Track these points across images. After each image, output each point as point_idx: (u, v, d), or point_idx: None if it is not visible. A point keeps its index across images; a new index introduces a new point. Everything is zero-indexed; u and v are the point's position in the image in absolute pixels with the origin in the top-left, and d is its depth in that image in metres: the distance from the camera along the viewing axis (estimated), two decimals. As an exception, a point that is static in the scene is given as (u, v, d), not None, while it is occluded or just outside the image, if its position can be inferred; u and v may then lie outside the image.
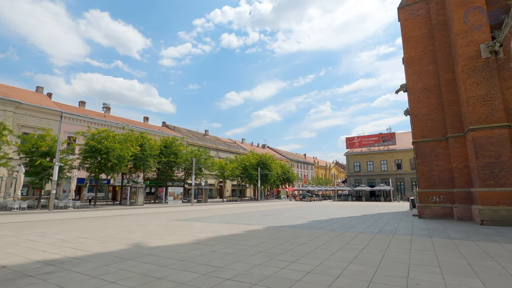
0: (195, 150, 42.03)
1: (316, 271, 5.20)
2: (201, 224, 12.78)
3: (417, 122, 15.95)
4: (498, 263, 5.73)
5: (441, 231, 10.19)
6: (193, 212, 20.55)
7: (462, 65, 13.35)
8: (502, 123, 12.24)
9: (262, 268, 5.41)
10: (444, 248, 7.20)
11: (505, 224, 11.44)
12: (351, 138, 55.47)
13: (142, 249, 7.20)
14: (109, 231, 10.37)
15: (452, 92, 14.88)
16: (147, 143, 33.38)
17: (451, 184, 14.62)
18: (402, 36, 17.12)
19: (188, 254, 6.56)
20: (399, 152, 49.03)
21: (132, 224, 12.81)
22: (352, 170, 53.48)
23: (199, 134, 62.81)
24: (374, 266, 5.54)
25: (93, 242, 8.10)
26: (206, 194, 40.49)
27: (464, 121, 13.80)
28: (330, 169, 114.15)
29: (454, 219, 14.07)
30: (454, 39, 13.94)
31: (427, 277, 4.80)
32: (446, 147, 14.92)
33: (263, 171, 49.46)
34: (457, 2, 13.82)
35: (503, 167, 11.97)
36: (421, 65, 16.24)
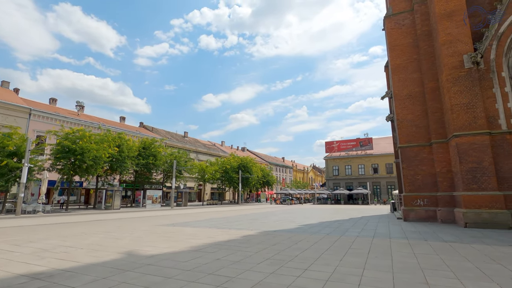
0: (175, 152, 40.84)
1: (334, 279, 5.01)
2: (191, 229, 12.23)
3: (403, 128, 16.45)
4: (503, 265, 5.86)
5: (432, 234, 10.44)
6: (176, 217, 19.78)
7: (447, 74, 13.95)
8: (483, 130, 12.88)
9: (277, 277, 5.12)
10: (445, 252, 7.31)
11: (487, 226, 11.99)
12: (330, 142, 56.67)
13: (138, 258, 6.64)
14: (93, 238, 9.58)
15: (435, 99, 15.51)
16: (125, 144, 31.89)
17: (434, 188, 15.18)
18: (388, 44, 17.67)
19: (191, 263, 6.13)
20: (376, 157, 50.75)
21: (116, 230, 11.99)
22: (331, 174, 54.55)
23: (178, 136, 61.28)
24: (388, 272, 5.45)
25: (79, 251, 7.39)
26: (186, 197, 39.40)
27: (448, 127, 14.41)
28: (307, 172, 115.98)
29: (438, 221, 14.59)
30: (439, 49, 14.56)
31: (447, 283, 4.77)
32: (430, 152, 15.49)
33: (244, 174, 49.07)
34: (442, 15, 14.46)
35: (485, 172, 12.59)
36: (406, 73, 16.82)
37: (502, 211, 12.00)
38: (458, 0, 14.27)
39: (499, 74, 13.36)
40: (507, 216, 11.89)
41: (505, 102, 13.10)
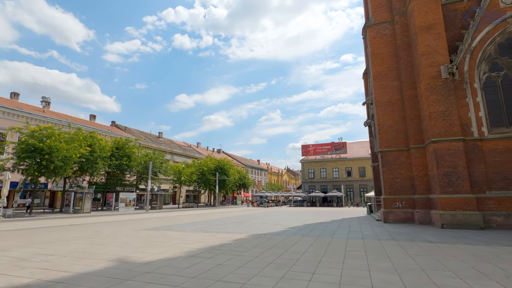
0: (150, 153, 39.38)
1: (346, 282, 5.00)
2: (177, 233, 11.75)
3: (383, 133, 17.13)
4: (494, 264, 6.22)
5: (416, 235, 10.90)
6: (155, 220, 18.99)
7: (426, 83, 14.76)
8: (458, 137, 13.77)
9: (289, 281, 5.02)
10: (435, 252, 7.63)
11: (462, 227, 12.79)
12: (307, 146, 57.83)
13: (133, 265, 6.21)
14: (73, 245, 8.86)
15: (414, 107, 16.34)
16: (97, 143, 30.19)
17: (412, 190, 15.94)
18: (370, 52, 18.37)
19: (193, 270, 5.84)
20: (350, 160, 52.55)
21: (95, 235, 11.21)
22: (307, 176, 55.59)
23: (153, 136, 59.25)
24: (393, 273, 5.55)
25: (63, 260, 6.77)
26: (161, 200, 38.08)
27: (426, 133, 15.22)
28: (282, 175, 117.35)
29: (415, 223, 15.32)
30: (418, 59, 15.38)
31: (452, 283, 4.94)
32: (408, 157, 16.27)
33: (222, 177, 48.51)
34: (422, 27, 15.31)
35: (459, 176, 13.43)
36: (386, 80, 17.57)
37: (474, 212, 12.86)
38: (436, 14, 15.20)
39: (472, 85, 14.38)
40: (479, 217, 12.76)
41: (477, 111, 14.11)
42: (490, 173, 13.41)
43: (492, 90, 14.36)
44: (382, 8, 18.56)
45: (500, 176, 13.29)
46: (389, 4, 18.43)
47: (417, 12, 15.50)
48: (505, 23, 14.37)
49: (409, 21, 16.83)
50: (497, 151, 13.53)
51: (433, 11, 15.26)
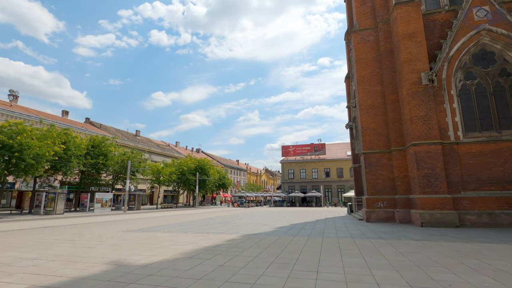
0: (128, 152, 38.06)
1: (351, 279, 5.15)
2: (166, 235, 11.46)
3: (366, 136, 17.76)
4: (479, 260, 6.66)
5: (401, 234, 11.41)
6: (137, 222, 18.39)
7: (407, 88, 15.50)
8: (436, 140, 14.58)
9: (297, 281, 5.08)
10: (424, 249, 8.03)
11: (440, 225, 13.56)
12: (287, 146, 58.54)
13: (131, 268, 5.99)
14: (57, 248, 8.38)
15: (395, 111, 17.09)
16: (72, 141, 28.70)
17: (393, 191, 16.65)
18: (355, 57, 18.97)
19: (197, 271, 5.74)
20: (328, 162, 53.87)
21: (78, 238, 10.67)
22: (287, 177, 56.28)
23: (130, 135, 57.27)
24: (393, 270, 5.79)
25: (53, 264, 6.39)
26: (140, 200, 36.93)
27: (407, 136, 15.97)
28: (261, 175, 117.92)
29: (396, 222, 16.03)
30: (401, 65, 16.10)
31: (449, 277, 5.24)
32: (390, 159, 16.98)
33: (202, 177, 47.88)
34: (404, 35, 16.05)
35: (437, 177, 14.23)
36: (370, 84, 18.23)
37: (451, 211, 13.69)
38: (417, 23, 16.00)
39: (449, 92, 15.30)
40: (455, 216, 13.60)
41: (453, 117, 15.03)
42: (465, 175, 14.34)
43: (467, 97, 15.36)
44: (367, 15, 19.25)
45: (474, 177, 14.25)
46: (373, 11, 19.15)
47: (400, 20, 16.24)
48: (478, 35, 15.43)
49: (392, 28, 17.58)
50: (471, 154, 14.49)
51: (414, 21, 16.05)
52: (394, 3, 16.69)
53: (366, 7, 19.39)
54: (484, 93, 15.25)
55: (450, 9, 16.75)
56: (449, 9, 16.82)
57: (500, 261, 6.54)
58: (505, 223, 13.35)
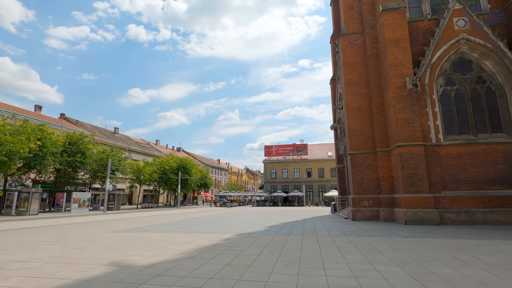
0: (107, 150, 36.70)
1: (360, 275, 5.32)
2: (158, 235, 11.21)
3: (353, 137, 18.29)
4: (468, 255, 7.10)
5: (389, 231, 11.87)
6: (122, 222, 17.82)
7: (393, 92, 16.14)
8: (419, 142, 15.31)
9: (308, 278, 5.18)
10: (416, 246, 8.43)
11: (422, 223, 14.25)
12: (270, 146, 58.96)
13: (136, 269, 5.83)
14: (45, 250, 7.97)
15: (381, 113, 17.74)
16: (48, 137, 27.28)
17: (378, 190, 17.28)
18: (343, 60, 19.48)
19: (204, 271, 5.69)
20: (310, 162, 54.85)
21: (65, 239, 10.18)
22: (269, 177, 56.67)
23: (108, 132, 55.22)
24: (394, 265, 6.05)
25: (49, 266, 6.08)
26: (119, 200, 35.73)
27: (391, 138, 16.62)
28: (242, 175, 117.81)
29: (381, 220, 16.65)
30: (387, 70, 16.74)
31: (448, 271, 5.56)
32: (375, 159, 17.61)
33: (184, 176, 47.11)
34: (391, 41, 16.70)
35: (420, 178, 14.95)
36: (357, 87, 18.80)
37: (432, 210, 14.43)
38: (403, 30, 16.70)
39: (431, 96, 16.12)
40: (436, 215, 14.35)
41: (435, 120, 15.85)
42: (445, 175, 15.17)
43: (447, 102, 16.26)
44: (354, 20, 19.82)
45: (453, 177, 15.11)
46: (360, 16, 19.76)
47: (387, 27, 16.87)
48: (458, 43, 16.37)
49: (379, 34, 18.22)
50: (451, 156, 15.36)
51: (400, 27, 16.75)
52: (381, 9, 17.31)
53: (354, 12, 19.97)
54: (462, 98, 16.21)
55: (433, 18, 17.65)
56: (431, 18, 17.71)
57: (486, 255, 7.00)
58: (480, 220, 14.28)
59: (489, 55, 15.95)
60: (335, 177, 53.15)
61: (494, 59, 15.89)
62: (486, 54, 16.02)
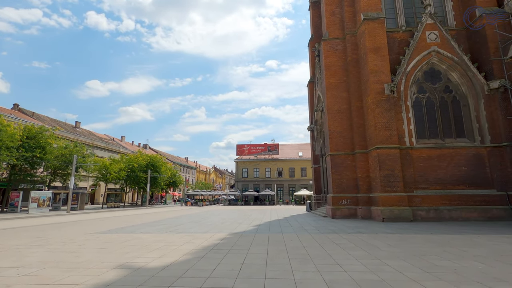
0: (70, 145, 34.09)
1: (374, 269, 5.64)
2: (147, 236, 10.75)
3: (333, 138, 19.06)
4: (455, 248, 7.84)
5: (372, 229, 12.60)
6: (94, 223, 16.73)
7: (372, 97, 17.11)
8: (395, 145, 16.42)
9: (330, 273, 5.37)
10: (405, 241, 9.08)
11: (398, 220, 15.33)
12: (242, 145, 59.01)
13: (151, 271, 5.58)
14: (33, 254, 7.28)
15: (359, 117, 18.70)
16: (4, 130, 24.65)
17: (355, 190, 18.21)
18: (324, 64, 20.18)
19: (225, 271, 5.63)
20: (281, 161, 55.90)
21: (44, 242, 9.35)
22: (240, 176, 56.72)
23: (68, 126, 51.23)
24: (401, 260, 6.48)
25: (51, 272, 5.58)
26: (83, 200, 33.45)
27: (370, 140, 17.61)
28: (210, 174, 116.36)
29: (358, 218, 17.57)
30: (367, 76, 17.69)
31: (446, 263, 6.11)
32: (353, 160, 18.52)
33: (153, 174, 45.33)
34: (371, 48, 17.66)
35: (396, 178, 16.05)
36: (337, 91, 19.60)
37: (406, 208, 15.58)
38: (382, 39, 17.75)
39: (406, 103, 17.37)
40: (410, 212, 15.53)
41: (409, 125, 17.11)
42: (417, 176, 16.45)
43: (419, 108, 17.63)
44: (336, 26, 20.63)
45: (423, 178, 16.44)
46: (342, 23, 20.61)
47: (368, 35, 17.82)
48: (429, 55, 17.83)
49: (359, 41, 19.17)
50: (422, 158, 16.69)
51: (380, 36, 17.79)
52: (362, 18, 18.23)
53: (335, 18, 20.78)
54: (432, 105, 17.70)
55: (407, 29, 19.00)
56: (405, 29, 19.06)
57: (470, 248, 7.79)
58: (447, 217, 15.73)
59: (455, 68, 17.60)
60: (305, 176, 54.84)
61: (459, 71, 17.57)
62: (453, 66, 17.65)
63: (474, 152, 16.59)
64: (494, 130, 16.43)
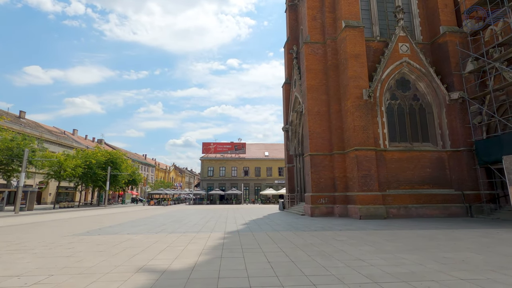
0: (17, 138, 30.26)
1: (395, 263, 5.99)
2: (138, 237, 10.04)
3: (313, 139, 19.69)
4: (446, 242, 8.65)
5: (357, 225, 13.29)
6: (57, 224, 15.13)
7: (352, 101, 18.06)
8: (371, 147, 17.54)
9: (362, 268, 5.57)
10: (398, 237, 9.77)
11: (373, 217, 16.38)
12: (208, 143, 57.86)
13: (180, 274, 5.26)
14: (22, 261, 6.38)
15: (338, 119, 19.59)
16: None
17: (333, 189, 19.04)
18: (306, 66, 20.75)
19: (259, 269, 5.52)
20: (247, 161, 56.09)
21: (22, 247, 8.22)
22: (206, 174, 55.64)
23: (10, 115, 45.36)
24: (412, 254, 6.96)
25: (64, 279, 4.95)
26: (33, 199, 29.94)
27: (348, 142, 18.54)
28: (169, 172, 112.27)
29: (336, 216, 18.40)
30: (347, 80, 18.60)
31: (452, 255, 6.72)
32: (331, 161, 19.35)
33: (113, 171, 42.29)
34: (351, 55, 18.62)
35: (371, 178, 17.15)
36: (317, 93, 20.31)
37: (381, 206, 16.74)
38: (361, 46, 18.83)
39: (381, 108, 18.65)
40: (384, 210, 16.71)
41: (383, 129, 18.41)
42: (389, 176, 17.77)
43: (391, 114, 19.06)
44: (317, 30, 21.33)
45: (395, 178, 17.82)
46: (323, 28, 21.39)
47: (349, 42, 18.76)
48: (401, 65, 19.37)
49: (339, 47, 20.08)
50: (393, 160, 18.08)
51: (359, 44, 18.85)
52: (344, 25, 19.14)
53: (317, 22, 21.49)
54: (402, 112, 19.26)
55: (381, 39, 20.43)
56: (380, 39, 20.48)
57: (457, 241, 8.66)
58: (414, 214, 17.25)
59: (423, 78, 19.38)
60: (270, 176, 55.74)
61: (426, 82, 19.38)
62: (421, 77, 19.41)
63: (437, 155, 18.43)
64: (453, 136, 18.42)
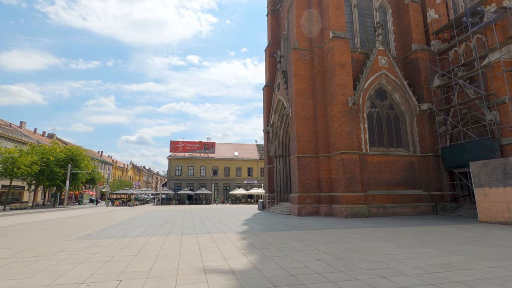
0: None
1: (426, 256, 6.77)
2: (154, 239, 9.68)
3: (300, 142, 20.50)
4: (444, 237, 9.83)
5: (349, 223, 14.25)
6: (35, 229, 13.80)
7: (338, 107, 19.21)
8: (355, 151, 18.87)
9: (390, 262, 6.23)
10: (397, 233, 10.79)
11: (357, 216, 17.64)
12: (176, 142, 56.10)
13: (243, 274, 5.39)
14: (40, 268, 5.91)
15: (324, 124, 20.65)
16: None
17: (318, 189, 20.02)
18: (294, 72, 21.49)
19: (317, 266, 5.87)
20: (217, 160, 55.63)
21: (45, 254, 7.49)
22: (173, 174, 53.93)
23: None
24: (426, 247, 7.86)
25: (132, 284, 4.77)
26: (-19, 199, 26.35)
27: (334, 146, 19.65)
28: (127, 170, 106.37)
29: (321, 215, 19.38)
30: (334, 88, 19.72)
31: (459, 248, 7.75)
32: (317, 163, 20.33)
33: (73, 170, 38.97)
34: (339, 64, 19.78)
35: (356, 179, 18.44)
36: (305, 98, 21.18)
37: (363, 205, 18.10)
38: (348, 56, 20.11)
39: (363, 115, 20.12)
40: (366, 209, 18.09)
41: (364, 134, 19.89)
42: (370, 178, 19.26)
43: (371, 121, 20.66)
44: (304, 37, 22.23)
45: (374, 180, 19.37)
46: (310, 35, 22.34)
47: (337, 51, 19.91)
48: (380, 76, 21.10)
49: (326, 55, 21.17)
50: (373, 163, 19.63)
51: (346, 54, 20.12)
52: (331, 35, 20.26)
53: (304, 30, 22.38)
54: (381, 119, 20.98)
55: (362, 51, 22.03)
56: (361, 51, 22.06)
57: (448, 236, 9.90)
58: (391, 213, 18.93)
59: (398, 90, 21.34)
60: (239, 176, 56.00)
61: (400, 93, 21.37)
62: (396, 88, 21.34)
63: (409, 160, 20.44)
64: (422, 143, 20.59)
